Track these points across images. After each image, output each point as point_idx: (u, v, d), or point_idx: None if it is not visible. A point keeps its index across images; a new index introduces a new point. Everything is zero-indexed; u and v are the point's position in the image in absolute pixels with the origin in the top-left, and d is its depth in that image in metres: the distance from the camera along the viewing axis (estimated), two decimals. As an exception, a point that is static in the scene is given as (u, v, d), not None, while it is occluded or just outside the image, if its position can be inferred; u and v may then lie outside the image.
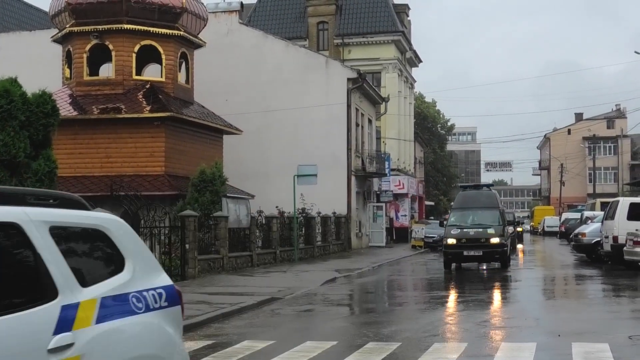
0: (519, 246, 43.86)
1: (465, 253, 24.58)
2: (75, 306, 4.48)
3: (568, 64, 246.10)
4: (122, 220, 5.62)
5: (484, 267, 27.22)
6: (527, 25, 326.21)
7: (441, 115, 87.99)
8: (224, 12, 37.68)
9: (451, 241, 24.83)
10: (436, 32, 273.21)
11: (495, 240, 24.45)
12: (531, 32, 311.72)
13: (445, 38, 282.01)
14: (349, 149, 37.64)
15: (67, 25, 27.72)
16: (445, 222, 27.41)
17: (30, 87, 16.81)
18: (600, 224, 29.14)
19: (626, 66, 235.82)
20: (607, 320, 13.45)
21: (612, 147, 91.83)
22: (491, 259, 25.21)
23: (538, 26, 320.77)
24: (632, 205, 26.15)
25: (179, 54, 28.57)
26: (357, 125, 39.70)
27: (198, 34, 29.77)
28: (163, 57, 27.88)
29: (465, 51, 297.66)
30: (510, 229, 33.57)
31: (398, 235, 49.92)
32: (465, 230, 25.00)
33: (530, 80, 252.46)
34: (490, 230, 24.64)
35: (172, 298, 5.50)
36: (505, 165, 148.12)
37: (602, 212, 32.53)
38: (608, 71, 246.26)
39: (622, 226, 25.43)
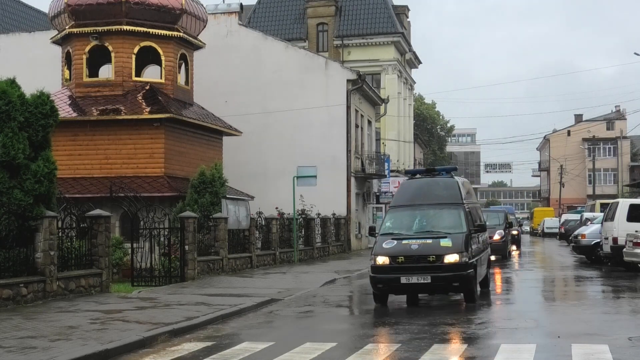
0: (514, 251, 39.45)
1: (403, 280, 15.27)
2: None
3: (564, 67, 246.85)
4: None
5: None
6: (524, 29, 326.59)
7: (441, 117, 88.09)
8: (224, 13, 37.68)
9: (382, 260, 15.48)
10: (435, 34, 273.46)
11: (452, 258, 15.17)
12: (528, 36, 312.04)
13: (444, 40, 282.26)
14: (348, 150, 37.63)
15: (67, 27, 27.71)
16: (376, 229, 17.30)
17: (30, 88, 16.79)
18: (599, 225, 29.11)
19: (621, 68, 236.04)
20: (606, 322, 13.43)
21: (612, 149, 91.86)
22: (446, 287, 15.72)
23: (535, 30, 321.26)
24: (632, 207, 26.12)
25: (179, 55, 28.56)
26: (357, 126, 39.70)
27: (197, 35, 29.76)
28: (162, 58, 27.87)
29: (464, 53, 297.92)
30: (500, 232, 31.55)
31: (398, 236, 49.80)
32: (405, 242, 15.67)
33: (529, 82, 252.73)
34: (446, 242, 15.43)
35: None
36: (505, 167, 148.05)
37: (602, 214, 32.53)
38: (604, 73, 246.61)
39: (621, 227, 25.41)
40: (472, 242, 16.07)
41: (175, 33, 27.80)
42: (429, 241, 15.59)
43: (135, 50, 27.46)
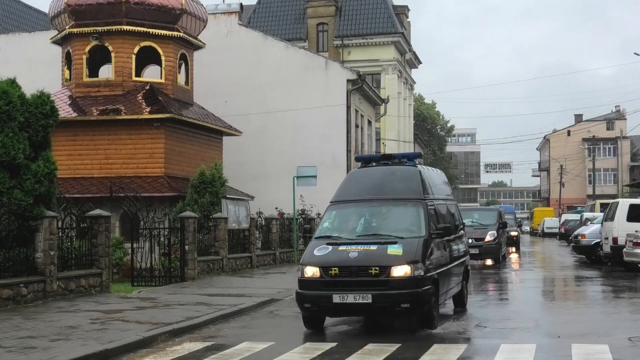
0: (512, 253, 38.22)
1: (336, 299, 11.81)
2: None
3: (563, 67, 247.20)
4: None
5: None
6: (523, 29, 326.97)
7: (441, 117, 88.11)
8: (224, 13, 37.65)
9: (311, 272, 12.15)
10: (435, 34, 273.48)
11: (402, 270, 11.74)
12: (527, 36, 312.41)
13: (444, 40, 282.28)
14: (348, 150, 37.61)
15: (67, 27, 27.71)
16: (309, 232, 13.98)
17: (30, 88, 16.80)
18: (599, 225, 29.13)
19: (620, 68, 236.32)
20: (606, 322, 13.43)
21: (612, 149, 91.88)
22: (392, 310, 11.92)
23: (534, 30, 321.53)
24: (632, 207, 26.14)
25: (179, 55, 28.56)
26: (357, 126, 39.69)
27: (198, 35, 29.76)
28: (163, 58, 27.86)
29: (464, 53, 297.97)
30: (493, 233, 28.79)
31: (398, 236, 49.80)
32: (342, 248, 12.24)
33: (528, 82, 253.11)
34: (395, 249, 11.97)
35: None
36: (505, 167, 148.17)
37: (602, 214, 32.54)
38: (604, 73, 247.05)
39: (621, 227, 25.43)
40: (434, 250, 12.56)
41: (175, 33, 27.79)
42: (373, 248, 11.97)
43: (135, 50, 27.46)
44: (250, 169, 35.42)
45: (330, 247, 12.29)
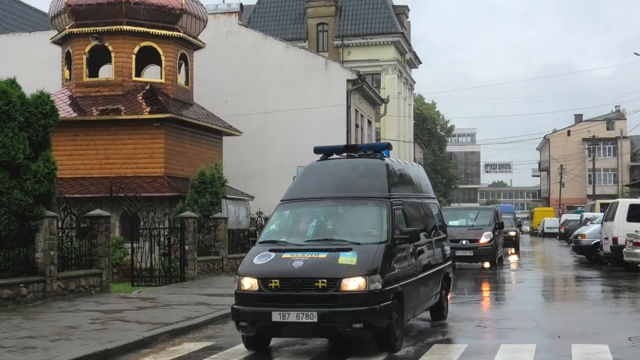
0: (512, 254, 37.23)
1: (276, 317, 10.02)
2: None
3: (563, 67, 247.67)
4: None
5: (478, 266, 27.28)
6: (522, 30, 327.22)
7: (441, 117, 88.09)
8: (224, 13, 37.64)
9: (249, 284, 10.37)
10: (435, 34, 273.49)
11: (354, 283, 9.99)
12: (527, 37, 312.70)
13: (444, 40, 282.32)
14: (348, 150, 37.55)
15: (67, 27, 27.71)
16: (254, 235, 12.92)
17: (30, 88, 16.80)
18: (599, 225, 29.13)
19: (620, 68, 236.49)
20: (606, 322, 13.44)
21: (612, 149, 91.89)
22: (341, 331, 9.98)
23: (533, 31, 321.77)
24: (632, 207, 26.14)
25: (179, 55, 28.55)
26: (357, 126, 39.68)
27: (198, 35, 29.75)
28: (163, 58, 27.86)
29: (464, 54, 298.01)
30: (488, 234, 26.78)
31: (398, 236, 49.80)
32: (286, 256, 10.47)
33: (528, 82, 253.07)
34: (347, 258, 10.22)
35: None
36: (505, 167, 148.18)
37: (602, 214, 32.54)
38: (603, 73, 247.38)
39: (621, 227, 25.43)
40: (399, 257, 10.75)
41: (175, 33, 27.79)
42: (323, 256, 10.17)
43: (135, 50, 27.45)
44: (250, 169, 35.41)
45: (273, 255, 10.41)
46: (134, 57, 27.46)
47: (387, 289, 10.15)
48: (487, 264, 26.98)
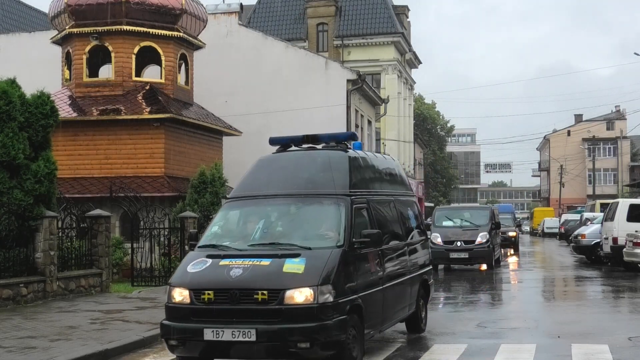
0: (511, 255, 36.65)
1: (209, 335, 8.63)
2: None
3: (562, 68, 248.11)
4: None
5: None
6: (522, 30, 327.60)
7: (441, 117, 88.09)
8: (224, 13, 37.64)
9: (180, 296, 9.02)
10: (435, 35, 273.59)
11: (300, 295, 8.57)
12: (526, 37, 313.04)
13: (444, 41, 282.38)
14: (348, 150, 37.58)
15: (67, 27, 27.70)
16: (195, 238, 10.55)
17: (30, 88, 16.80)
18: (599, 225, 29.13)
19: (619, 68, 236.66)
20: (606, 322, 13.43)
21: (612, 149, 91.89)
22: (283, 351, 8.55)
23: (533, 31, 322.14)
24: (632, 207, 26.13)
25: (179, 55, 28.55)
26: (357, 126, 39.69)
27: (198, 35, 29.75)
28: (163, 58, 27.86)
29: (464, 54, 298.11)
30: (484, 234, 25.57)
31: (398, 236, 49.81)
32: (224, 263, 9.07)
33: (528, 82, 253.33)
34: (294, 265, 8.82)
35: None
36: (505, 167, 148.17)
37: (602, 214, 32.54)
38: (603, 73, 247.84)
39: (621, 227, 25.42)
40: (359, 264, 9.35)
41: (175, 33, 27.79)
42: (265, 263, 8.78)
43: (135, 50, 27.44)
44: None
45: (209, 261, 9.04)
46: (134, 57, 27.46)
47: (341, 301, 8.71)
48: (483, 266, 26.09)
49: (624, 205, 26.57)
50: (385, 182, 11.54)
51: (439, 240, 25.47)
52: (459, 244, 25.40)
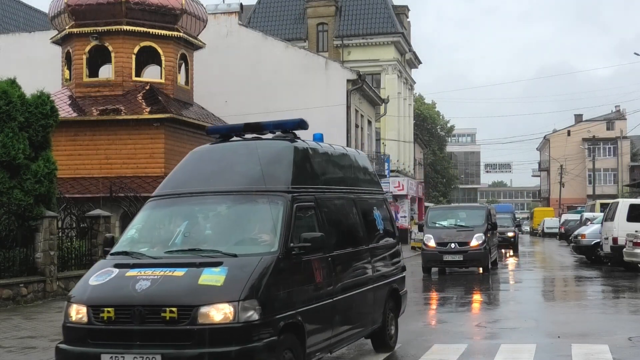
0: (510, 257, 35.71)
1: None
2: None
3: (562, 68, 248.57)
4: None
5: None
6: (521, 31, 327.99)
7: (441, 117, 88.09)
8: (224, 13, 37.67)
9: (77, 314, 7.42)
10: (435, 35, 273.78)
11: (217, 313, 7.03)
12: (526, 38, 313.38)
13: (444, 41, 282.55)
14: (348, 151, 37.58)
15: (67, 27, 27.71)
16: (111, 244, 8.55)
17: (30, 88, 16.81)
18: (599, 225, 29.12)
19: (619, 69, 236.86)
20: (606, 322, 13.43)
21: (612, 149, 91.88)
22: None
23: (532, 32, 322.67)
24: (632, 207, 26.12)
25: (179, 55, 28.56)
26: (357, 126, 39.69)
27: (198, 35, 29.76)
28: (163, 58, 27.87)
29: (463, 54, 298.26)
30: (480, 236, 23.97)
31: (398, 236, 49.84)
32: (130, 273, 7.51)
33: (528, 82, 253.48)
34: (211, 277, 7.25)
35: None
36: (505, 167, 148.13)
37: (602, 214, 32.53)
38: (602, 73, 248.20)
39: (621, 227, 25.41)
40: (297, 274, 7.89)
41: (175, 33, 27.79)
42: (179, 273, 7.32)
43: (135, 50, 27.46)
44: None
45: (115, 272, 7.59)
46: (134, 57, 27.47)
47: (272, 319, 7.24)
48: (479, 269, 24.92)
49: (624, 205, 26.56)
50: (345, 178, 10.07)
51: (431, 242, 24.15)
52: (452, 245, 23.92)
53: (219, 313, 6.97)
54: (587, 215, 42.11)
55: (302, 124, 9.07)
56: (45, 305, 15.09)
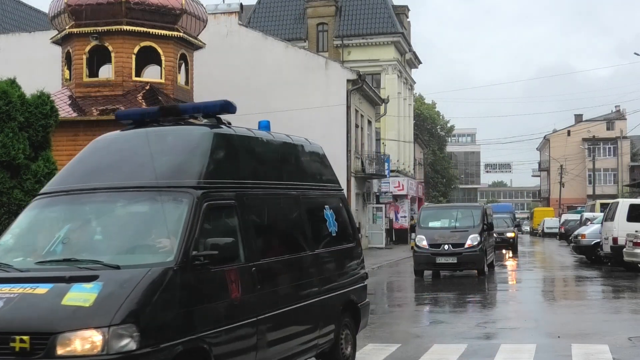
0: (510, 259, 33.90)
1: None
2: None
3: (561, 68, 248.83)
4: None
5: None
6: (521, 31, 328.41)
7: (441, 117, 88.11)
8: (224, 13, 37.67)
9: None
10: (435, 35, 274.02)
11: (84, 340, 5.51)
12: (526, 38, 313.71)
13: (444, 41, 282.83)
14: (348, 151, 37.62)
15: (67, 27, 27.72)
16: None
17: (30, 88, 16.80)
18: (599, 225, 29.13)
19: (619, 69, 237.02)
20: (606, 322, 13.43)
21: (612, 149, 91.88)
22: None
23: (532, 32, 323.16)
24: (632, 207, 26.13)
25: (179, 55, 28.56)
26: (357, 126, 39.70)
27: (198, 35, 29.76)
28: (163, 58, 27.87)
29: (463, 54, 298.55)
30: (475, 237, 22.76)
31: (398, 236, 49.92)
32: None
33: (528, 82, 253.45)
34: (79, 295, 5.71)
35: None
36: (505, 167, 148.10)
37: (602, 214, 32.54)
38: (602, 74, 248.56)
39: (621, 227, 25.41)
40: (205, 289, 6.45)
41: (175, 33, 27.80)
42: (42, 290, 5.90)
43: (135, 50, 27.46)
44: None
45: None
46: (134, 57, 27.47)
47: (159, 347, 5.82)
48: (475, 272, 23.48)
49: (624, 205, 26.56)
50: (285, 172, 8.51)
51: (424, 243, 22.86)
52: (446, 247, 22.63)
53: (84, 342, 5.54)
54: (587, 215, 42.11)
55: (226, 107, 7.61)
56: (45, 305, 15.09)
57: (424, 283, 22.29)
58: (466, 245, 22.55)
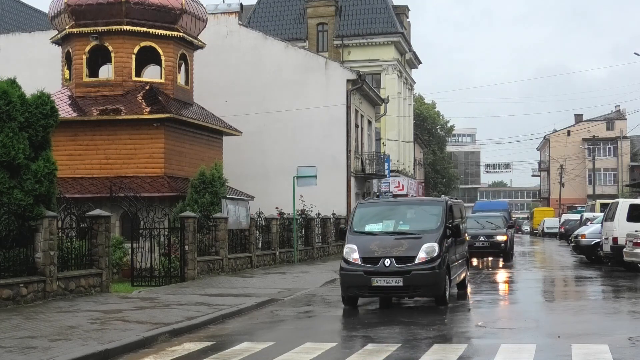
0: (499, 273, 25.18)
1: None
2: None
3: (560, 69, 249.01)
4: None
5: None
6: (519, 32, 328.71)
7: (441, 117, 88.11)
8: (224, 13, 37.68)
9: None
10: (435, 35, 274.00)
11: None
12: (524, 39, 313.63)
13: (444, 41, 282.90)
14: (348, 150, 37.62)
15: (67, 27, 27.72)
16: None
17: (30, 88, 16.80)
18: (599, 225, 29.13)
19: (618, 69, 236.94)
20: (606, 322, 13.43)
21: (612, 149, 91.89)
22: None
23: (531, 33, 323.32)
24: (632, 207, 26.14)
25: (179, 55, 28.56)
26: (357, 126, 39.69)
27: (197, 35, 29.77)
28: (162, 58, 27.87)
29: (463, 55, 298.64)
30: (430, 246, 14.96)
31: (398, 236, 49.81)
32: None
33: (528, 83, 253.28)
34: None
35: None
36: (505, 167, 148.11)
37: (602, 214, 32.54)
38: (602, 74, 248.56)
39: (621, 227, 25.42)
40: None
41: (175, 33, 27.80)
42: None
43: (135, 50, 27.46)
44: (250, 169, 35.43)
45: None
46: (134, 57, 27.48)
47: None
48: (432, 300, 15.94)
49: (624, 205, 26.57)
50: None
51: (355, 256, 15.37)
52: (387, 262, 14.98)
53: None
54: (587, 215, 42.12)
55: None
56: (45, 305, 15.09)
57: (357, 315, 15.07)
58: (417, 260, 15.03)
